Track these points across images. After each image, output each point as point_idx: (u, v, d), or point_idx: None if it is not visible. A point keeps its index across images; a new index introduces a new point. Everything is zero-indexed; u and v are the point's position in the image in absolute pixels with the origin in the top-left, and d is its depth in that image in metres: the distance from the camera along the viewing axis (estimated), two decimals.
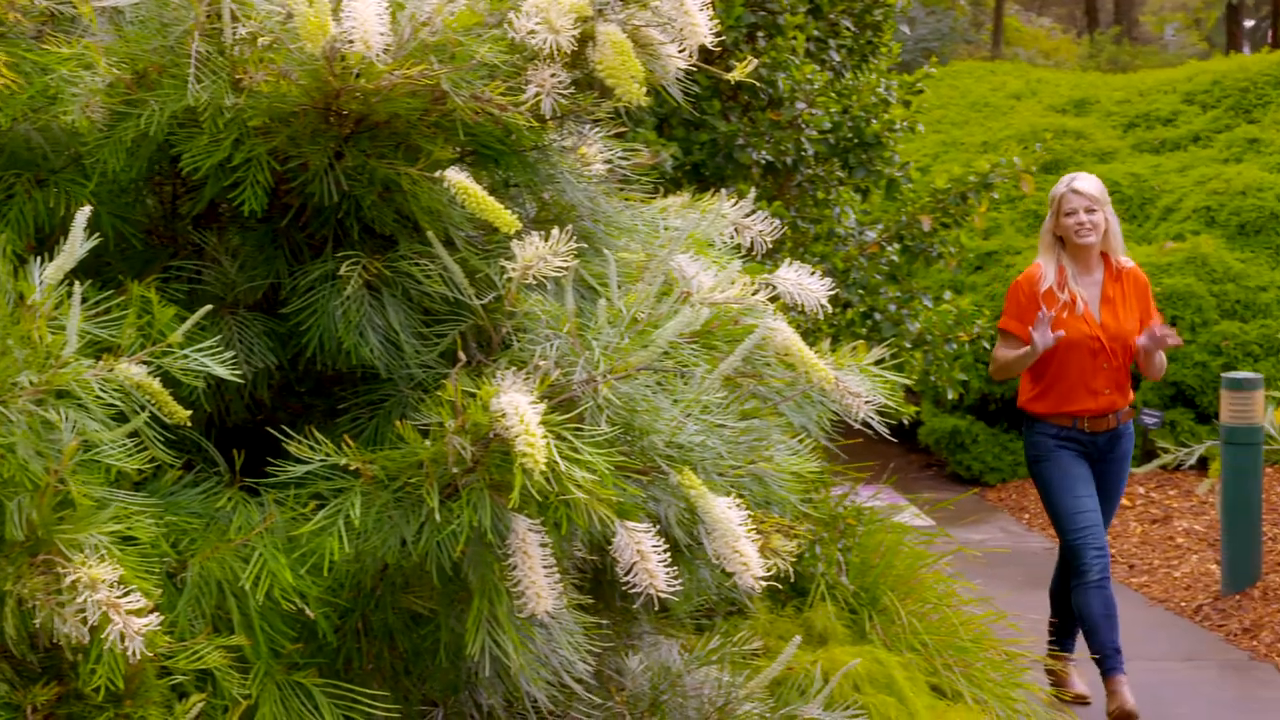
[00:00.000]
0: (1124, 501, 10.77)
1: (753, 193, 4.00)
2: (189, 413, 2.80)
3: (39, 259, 2.72)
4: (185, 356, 2.75)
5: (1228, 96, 14.21)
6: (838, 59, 7.77)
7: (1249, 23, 33.17)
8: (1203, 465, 10.74)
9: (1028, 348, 6.71)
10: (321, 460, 2.75)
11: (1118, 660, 6.80)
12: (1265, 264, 12.03)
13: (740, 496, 3.10)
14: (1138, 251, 12.13)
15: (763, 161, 7.21)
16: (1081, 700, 7.04)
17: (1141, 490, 11.03)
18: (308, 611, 2.72)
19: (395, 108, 2.93)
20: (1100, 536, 6.84)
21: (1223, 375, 8.74)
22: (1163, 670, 7.70)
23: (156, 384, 2.74)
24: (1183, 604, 8.82)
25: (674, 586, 2.78)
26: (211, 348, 2.77)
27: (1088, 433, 6.93)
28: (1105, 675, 6.80)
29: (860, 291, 7.51)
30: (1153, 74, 16.30)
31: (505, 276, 3.06)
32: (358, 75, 2.87)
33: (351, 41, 2.80)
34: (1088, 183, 6.84)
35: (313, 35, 2.79)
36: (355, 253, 3.05)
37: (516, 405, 2.60)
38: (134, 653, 2.49)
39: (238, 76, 2.93)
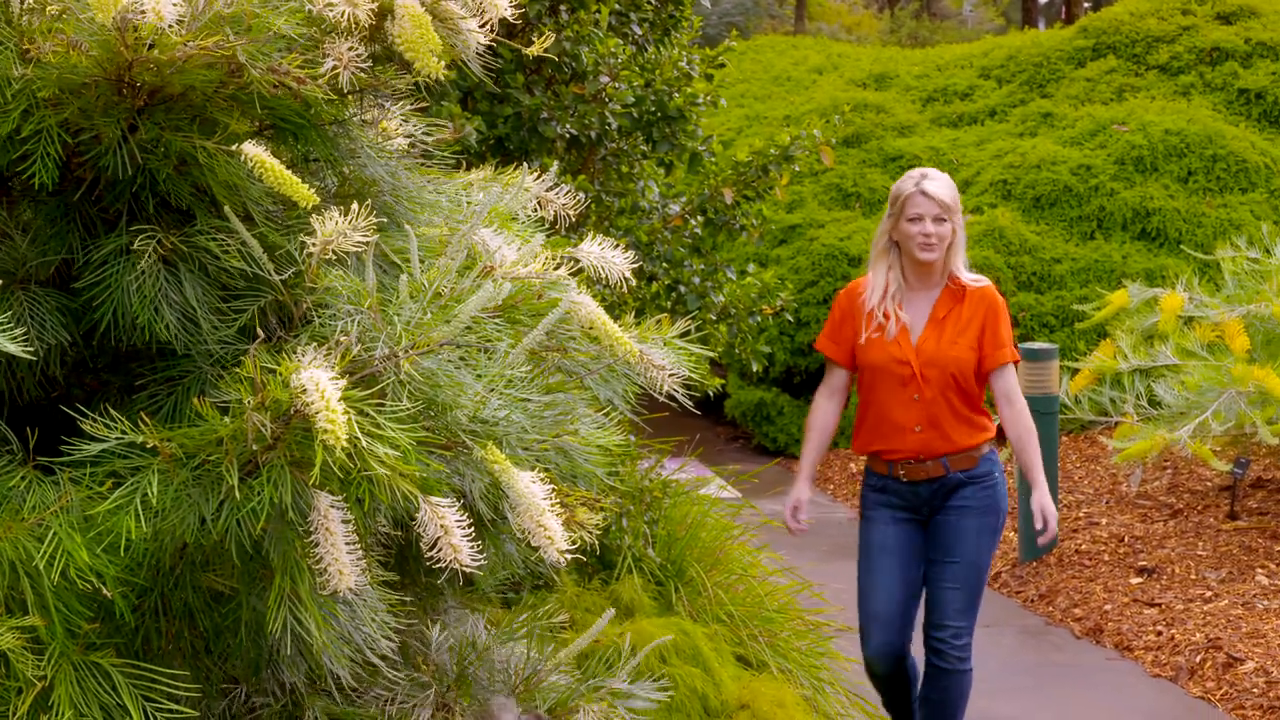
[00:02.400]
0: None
1: (556, 166, 3.99)
2: None
3: None
4: None
5: (1022, 71, 14.48)
6: (640, 33, 7.79)
7: None
8: (1001, 436, 10.95)
9: (802, 464, 5.86)
10: (118, 438, 2.70)
11: None
12: (1059, 236, 12.28)
13: (546, 471, 3.10)
14: None
15: (566, 135, 7.20)
16: None
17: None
18: (105, 591, 2.67)
19: (190, 80, 2.88)
20: (884, 630, 5.65)
21: (1020, 346, 8.90)
22: None
23: None
24: None
25: (478, 561, 2.77)
26: (2, 324, 2.71)
27: (905, 482, 5.65)
28: None
29: (665, 265, 7.54)
30: (950, 49, 16.56)
31: (305, 252, 3.03)
32: (151, 46, 2.82)
33: (144, 12, 2.74)
34: (940, 185, 5.58)
35: (103, 5, 2.73)
36: (151, 227, 3.00)
37: (317, 381, 2.58)
38: None
39: (25, 47, 2.86)
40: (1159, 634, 7.56)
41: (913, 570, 5.68)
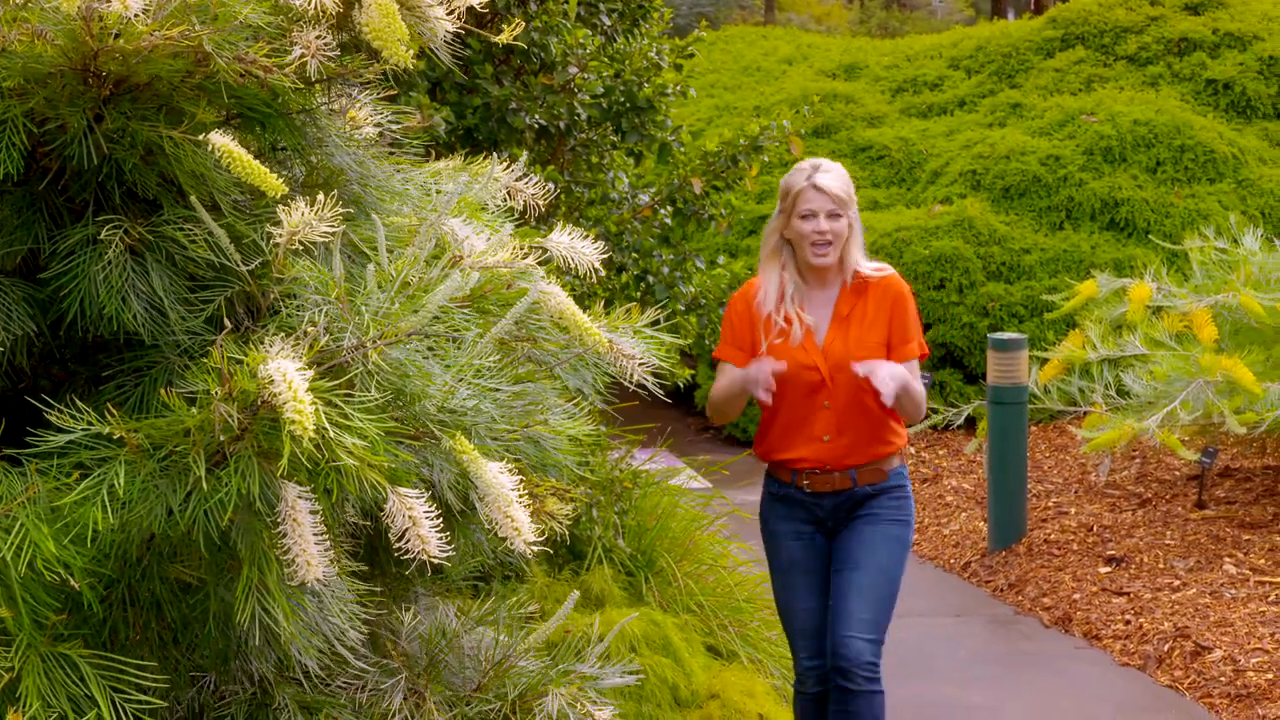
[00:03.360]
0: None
1: (525, 157, 3.99)
2: None
3: None
4: None
5: (991, 62, 14.51)
6: (609, 23, 7.78)
7: None
8: (971, 425, 10.99)
9: (738, 376, 5.14)
10: (85, 429, 2.70)
11: None
12: (1029, 226, 12.31)
13: (515, 461, 3.11)
14: (906, 215, 12.37)
15: (536, 126, 7.19)
16: None
17: (912, 450, 11.24)
18: (72, 582, 2.66)
19: (156, 69, 2.87)
20: (813, 644, 5.24)
21: (989, 336, 8.93)
22: (932, 625, 7.87)
23: None
24: (951, 561, 9.02)
25: (447, 552, 2.77)
26: None
27: (809, 493, 5.20)
28: None
29: (634, 255, 7.54)
30: (920, 39, 16.58)
31: (272, 242, 3.02)
32: (116, 36, 2.81)
33: (109, 1, 2.74)
34: (833, 177, 5.11)
35: None
36: (117, 217, 2.99)
37: (284, 372, 2.57)
38: None
39: None
40: (1127, 623, 7.58)
41: (824, 584, 5.24)
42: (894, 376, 4.99)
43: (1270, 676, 6.74)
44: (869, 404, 5.10)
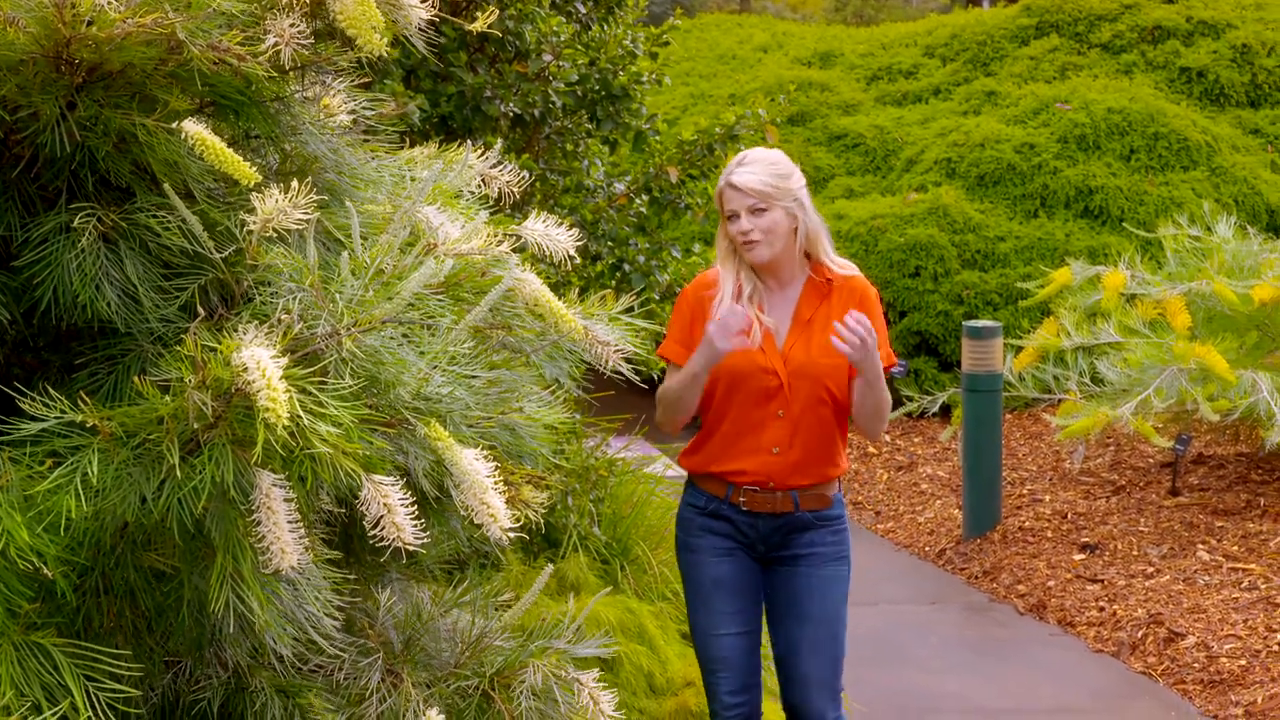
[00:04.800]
0: (870, 449, 11.00)
1: (500, 145, 3.99)
2: None
3: None
4: None
5: (966, 50, 14.53)
6: (584, 10, 7.77)
7: None
8: (945, 412, 11.03)
9: (688, 369, 4.67)
10: (58, 417, 2.69)
11: None
12: (1003, 214, 12.33)
13: (491, 448, 3.11)
14: (881, 203, 12.38)
15: (510, 114, 7.19)
16: None
17: (887, 438, 11.26)
18: (45, 571, 2.66)
19: (129, 57, 2.86)
20: (736, 678, 4.82)
21: (964, 324, 8.95)
22: (906, 613, 7.90)
23: None
24: (926, 548, 9.04)
25: (422, 539, 2.77)
26: None
27: (743, 511, 4.77)
28: None
29: (609, 243, 7.54)
30: (895, 27, 16.59)
31: (246, 229, 3.02)
32: (89, 23, 2.80)
33: None
34: (750, 172, 4.66)
35: None
36: (90, 205, 2.98)
37: (258, 359, 2.57)
38: None
39: None
40: (1101, 610, 7.61)
41: (752, 609, 4.86)
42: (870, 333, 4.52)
43: (1243, 663, 6.77)
44: (826, 416, 4.74)
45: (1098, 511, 8.97)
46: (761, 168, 4.66)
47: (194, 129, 2.88)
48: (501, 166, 3.89)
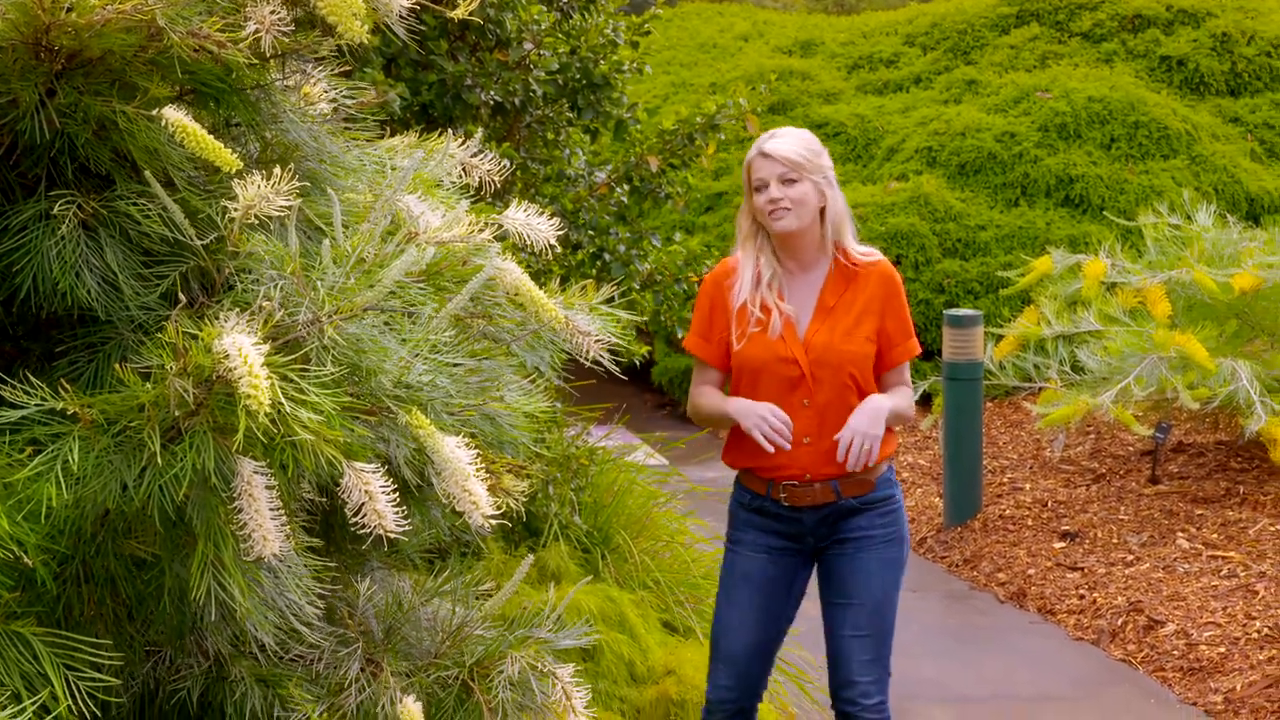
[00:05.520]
0: None
1: (481, 133, 3.98)
2: None
3: None
4: None
5: (946, 39, 14.53)
6: None
7: None
8: (926, 401, 11.02)
9: (724, 409, 4.70)
10: (38, 405, 2.69)
11: None
12: (984, 203, 12.35)
13: (471, 436, 3.11)
14: (863, 192, 12.39)
15: (491, 102, 7.18)
16: None
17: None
18: (25, 559, 2.65)
19: (109, 44, 2.86)
20: (736, 674, 4.79)
21: (945, 312, 8.95)
22: None
23: None
24: None
25: (403, 527, 2.77)
26: None
27: (786, 507, 4.73)
28: None
29: (590, 232, 7.54)
30: (876, 16, 16.59)
31: (227, 217, 3.01)
32: (69, 10, 2.79)
33: None
34: (785, 143, 4.65)
35: None
36: (70, 192, 2.98)
37: (240, 346, 2.56)
38: None
39: None
40: (1081, 597, 7.63)
41: (777, 607, 4.82)
42: (872, 421, 4.57)
43: (1222, 650, 6.79)
44: (854, 403, 4.64)
45: (1078, 500, 8.99)
46: (795, 139, 4.65)
47: (175, 116, 2.88)
48: (482, 155, 3.89)
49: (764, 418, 4.57)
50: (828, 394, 4.65)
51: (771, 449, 4.57)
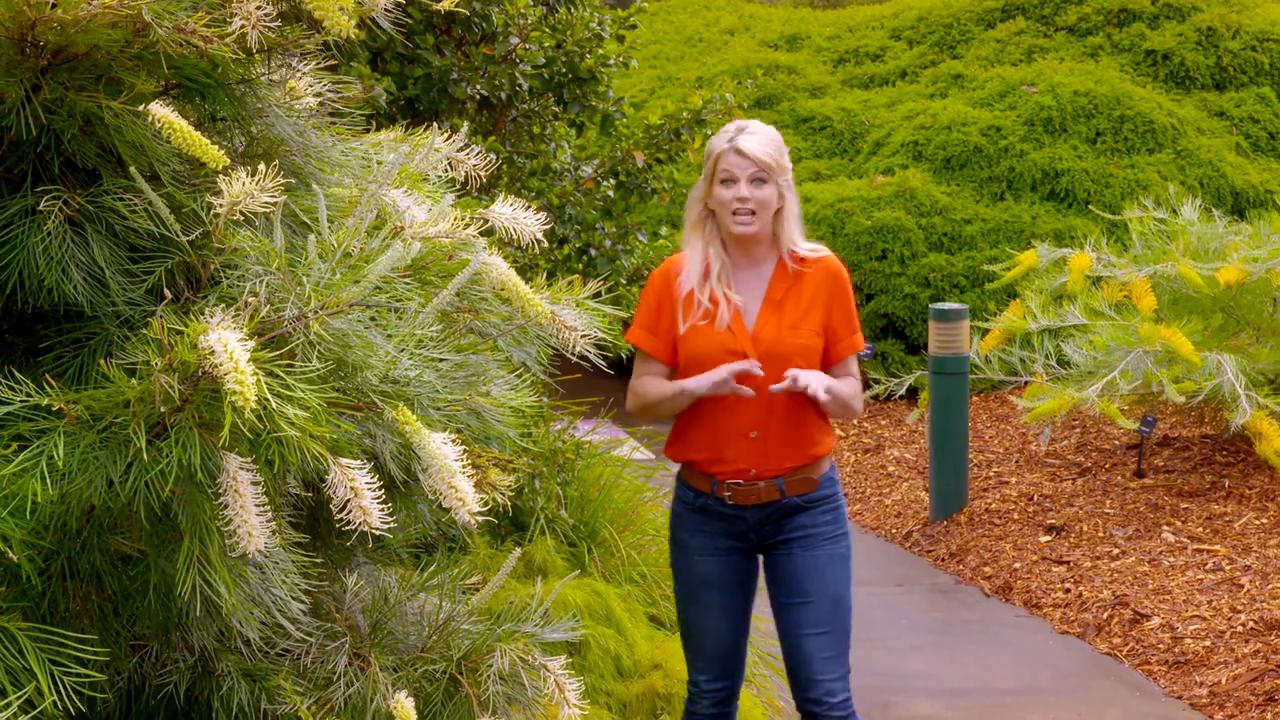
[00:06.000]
0: (837, 432, 11.03)
1: (467, 127, 3.98)
2: None
3: None
4: None
5: (932, 33, 14.53)
6: None
7: None
8: (913, 395, 11.05)
9: (678, 386, 4.66)
10: (23, 401, 2.69)
11: None
12: (970, 197, 12.36)
13: (458, 432, 3.11)
14: (849, 186, 12.39)
15: (477, 96, 7.17)
16: None
17: (854, 420, 11.28)
18: (10, 555, 2.65)
19: (95, 39, 2.85)
20: (717, 667, 4.81)
21: (930, 306, 8.96)
22: (874, 595, 7.91)
23: None
24: (894, 530, 9.07)
25: (389, 523, 2.77)
26: None
27: (730, 505, 4.71)
28: None
29: (576, 227, 7.53)
30: (861, 10, 16.58)
31: (213, 212, 3.01)
32: (54, 5, 2.79)
33: None
34: (758, 140, 4.61)
35: None
36: (56, 188, 2.98)
37: (225, 342, 2.56)
38: None
39: None
40: (1067, 591, 7.65)
41: (741, 603, 4.83)
42: (819, 378, 4.60)
43: (1207, 644, 6.81)
44: (801, 395, 4.61)
45: (1064, 493, 9.01)
46: (766, 139, 4.63)
47: (160, 111, 2.87)
48: (468, 149, 3.89)
49: (723, 367, 4.55)
50: (773, 392, 4.61)
51: (750, 391, 4.56)
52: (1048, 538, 8.36)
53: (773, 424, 4.66)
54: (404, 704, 3.21)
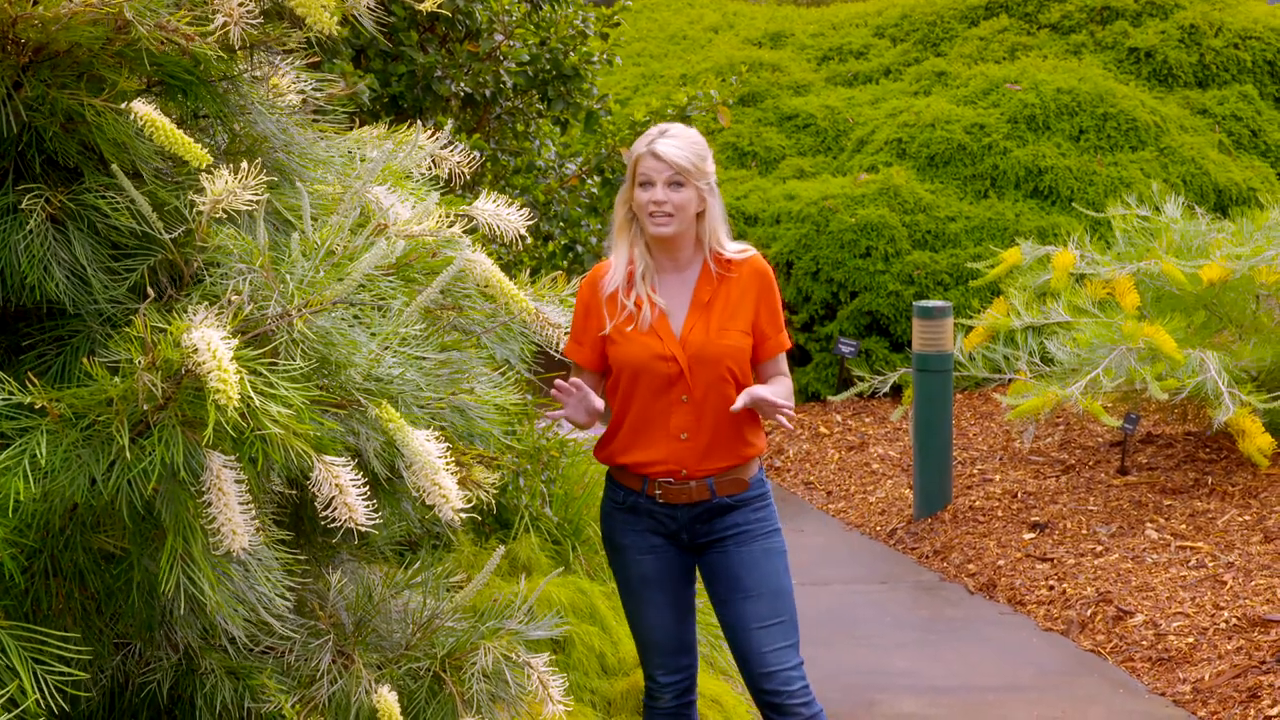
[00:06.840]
0: (822, 429, 11.03)
1: (451, 125, 3.98)
2: None
3: None
4: None
5: (916, 30, 14.55)
6: None
7: None
8: (896, 392, 11.05)
9: (564, 408, 4.57)
10: (5, 399, 2.68)
11: None
12: (954, 195, 12.36)
13: (442, 429, 3.11)
14: (833, 184, 12.39)
15: (461, 93, 7.17)
16: None
17: (839, 418, 11.29)
18: None
19: (76, 36, 2.85)
20: (670, 659, 4.83)
21: (914, 304, 8.96)
22: (858, 592, 7.92)
23: None
24: (878, 528, 9.07)
25: (374, 520, 2.77)
26: None
27: (660, 504, 4.70)
28: None
29: (561, 224, 7.53)
30: (845, 8, 16.59)
31: (195, 210, 3.01)
32: (35, 2, 2.78)
33: None
34: (675, 144, 4.60)
35: None
36: (38, 186, 2.97)
37: (208, 340, 2.56)
38: None
39: None
40: (1051, 588, 7.65)
41: (685, 597, 4.84)
42: (771, 390, 4.62)
43: (1190, 640, 6.82)
44: (732, 397, 4.62)
45: (1047, 491, 9.02)
46: (685, 143, 4.61)
47: (143, 109, 2.87)
48: (452, 147, 3.89)
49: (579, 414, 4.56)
50: (705, 389, 4.63)
51: (585, 419, 4.55)
52: (1031, 535, 8.37)
53: (704, 426, 4.66)
54: (386, 697, 3.21)
